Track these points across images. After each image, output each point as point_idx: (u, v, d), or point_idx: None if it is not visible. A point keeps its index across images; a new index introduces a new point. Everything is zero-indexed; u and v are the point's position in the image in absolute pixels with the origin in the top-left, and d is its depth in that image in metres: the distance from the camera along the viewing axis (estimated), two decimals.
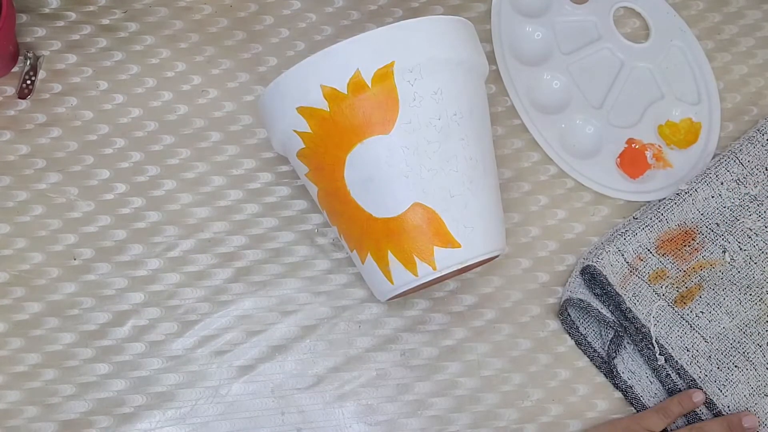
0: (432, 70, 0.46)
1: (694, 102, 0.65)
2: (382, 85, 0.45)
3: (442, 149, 0.46)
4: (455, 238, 0.46)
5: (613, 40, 0.65)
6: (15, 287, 0.56)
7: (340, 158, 0.46)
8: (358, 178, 0.46)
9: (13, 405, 0.53)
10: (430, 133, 0.46)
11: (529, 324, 0.58)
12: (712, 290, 0.57)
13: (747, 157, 0.60)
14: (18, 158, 0.58)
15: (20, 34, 0.61)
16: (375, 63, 0.45)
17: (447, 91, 0.46)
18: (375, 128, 0.45)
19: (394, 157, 0.45)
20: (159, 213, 0.58)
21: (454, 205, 0.46)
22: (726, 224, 0.59)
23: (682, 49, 0.66)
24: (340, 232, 0.50)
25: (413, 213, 0.46)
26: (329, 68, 0.45)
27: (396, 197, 0.46)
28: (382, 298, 0.51)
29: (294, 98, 0.46)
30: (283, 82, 0.47)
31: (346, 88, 0.45)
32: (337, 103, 0.45)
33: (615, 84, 0.64)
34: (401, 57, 0.45)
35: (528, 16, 0.65)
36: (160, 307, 0.56)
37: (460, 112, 0.47)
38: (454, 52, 0.47)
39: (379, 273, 0.48)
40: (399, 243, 0.46)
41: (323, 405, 0.55)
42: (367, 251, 0.48)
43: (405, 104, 0.45)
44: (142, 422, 0.54)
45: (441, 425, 0.55)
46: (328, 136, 0.46)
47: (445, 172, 0.46)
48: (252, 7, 0.64)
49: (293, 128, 0.47)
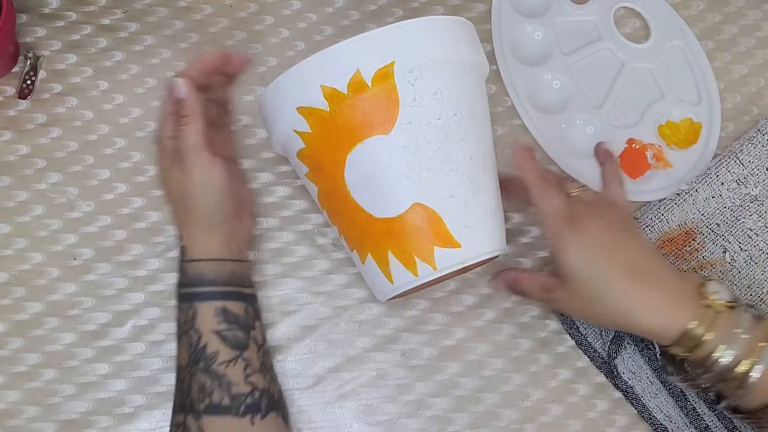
0: (432, 70, 0.46)
1: (694, 102, 0.65)
2: (382, 85, 0.45)
3: (443, 149, 0.46)
4: (455, 239, 0.46)
5: (613, 40, 0.65)
6: (15, 287, 0.55)
7: (340, 158, 0.46)
8: (358, 178, 0.46)
9: (13, 405, 0.53)
10: (430, 133, 0.46)
11: (529, 324, 0.58)
12: None
13: (747, 157, 0.60)
14: (18, 158, 0.58)
15: (20, 34, 0.61)
16: (375, 63, 0.45)
17: (447, 91, 0.46)
18: (375, 128, 0.45)
19: (395, 157, 0.45)
20: (159, 213, 0.58)
21: (454, 206, 0.46)
22: (726, 224, 0.59)
23: (682, 49, 0.66)
24: (341, 232, 0.50)
25: (413, 213, 0.46)
26: (329, 68, 0.45)
27: (396, 197, 0.46)
28: (382, 299, 0.51)
29: (294, 98, 0.46)
30: (283, 82, 0.47)
31: (347, 88, 0.45)
32: (338, 103, 0.45)
33: (615, 84, 0.64)
34: (401, 57, 0.45)
35: (528, 16, 0.65)
36: (160, 307, 0.56)
37: (461, 112, 0.47)
38: (454, 52, 0.47)
39: (379, 273, 0.48)
40: (399, 243, 0.46)
41: (323, 405, 0.55)
42: (367, 251, 0.48)
43: (405, 104, 0.45)
44: (142, 422, 0.54)
45: (441, 425, 0.55)
46: (328, 136, 0.46)
47: (445, 172, 0.46)
48: (252, 7, 0.64)
49: (293, 128, 0.47)
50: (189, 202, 0.48)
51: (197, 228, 0.49)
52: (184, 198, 0.49)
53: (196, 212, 0.49)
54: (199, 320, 0.47)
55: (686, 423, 0.55)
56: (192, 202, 0.48)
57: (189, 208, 0.49)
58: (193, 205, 0.48)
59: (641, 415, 0.56)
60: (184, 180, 0.48)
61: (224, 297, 0.48)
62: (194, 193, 0.48)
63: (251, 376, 0.48)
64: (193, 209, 0.49)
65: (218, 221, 0.49)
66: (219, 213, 0.49)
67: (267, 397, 0.48)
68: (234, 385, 0.47)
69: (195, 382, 0.46)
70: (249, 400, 0.47)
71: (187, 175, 0.47)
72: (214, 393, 0.46)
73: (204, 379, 0.46)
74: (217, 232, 0.49)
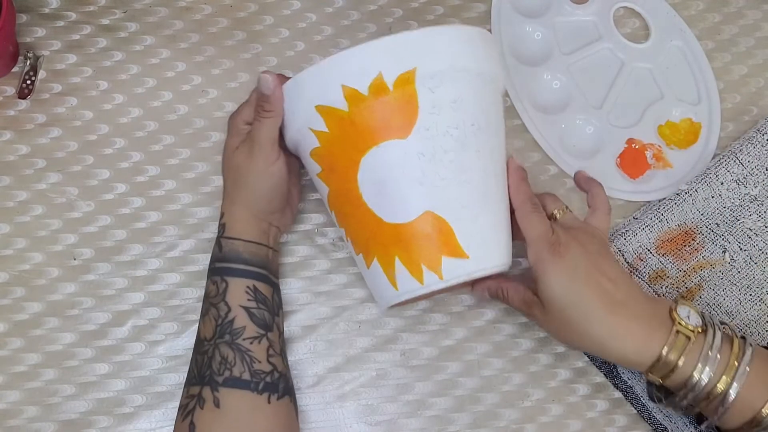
0: (453, 78, 0.46)
1: (694, 102, 0.65)
2: (403, 90, 0.45)
3: (458, 159, 0.46)
4: (464, 250, 0.46)
5: (613, 40, 0.65)
6: (15, 287, 0.55)
7: (354, 160, 0.46)
8: (371, 182, 0.46)
9: (13, 405, 0.53)
10: (447, 141, 0.45)
11: (529, 324, 0.58)
12: (712, 290, 0.57)
13: (747, 157, 0.60)
14: (18, 158, 0.58)
15: (20, 34, 0.61)
16: (398, 67, 0.45)
17: (466, 100, 0.46)
18: (392, 132, 0.45)
19: (410, 162, 0.45)
20: (159, 213, 0.58)
21: (465, 217, 0.46)
22: (726, 224, 0.59)
23: (682, 49, 0.66)
24: (348, 234, 0.50)
25: (424, 221, 0.46)
26: (352, 69, 0.45)
27: (408, 204, 0.46)
28: (384, 305, 0.50)
29: (313, 96, 0.46)
30: (304, 78, 0.47)
31: (367, 89, 0.45)
32: (357, 104, 0.45)
33: (615, 84, 0.64)
34: (424, 63, 0.45)
35: (528, 16, 0.65)
36: (160, 307, 0.56)
37: (478, 123, 0.46)
38: (475, 62, 0.47)
39: (384, 278, 0.48)
40: (407, 250, 0.46)
41: (323, 405, 0.55)
42: (373, 256, 0.48)
43: (424, 111, 0.45)
44: (142, 422, 0.54)
45: (441, 425, 0.55)
46: (344, 136, 0.46)
47: (459, 183, 0.46)
48: (252, 7, 0.64)
49: (309, 126, 0.47)
50: (244, 185, 0.50)
51: (243, 210, 0.51)
52: (240, 180, 0.50)
53: (247, 197, 0.50)
54: (230, 294, 0.49)
55: (685, 423, 0.55)
56: (246, 187, 0.50)
57: (241, 190, 0.51)
58: (247, 190, 0.50)
59: (641, 415, 0.56)
60: (247, 165, 0.50)
61: (256, 277, 0.50)
62: (252, 180, 0.50)
63: (272, 357, 0.49)
64: (245, 193, 0.50)
65: (265, 211, 0.51)
66: (268, 204, 0.51)
67: (284, 381, 0.49)
68: (256, 361, 0.48)
69: (217, 355, 0.47)
70: (269, 378, 0.48)
71: (251, 161, 0.49)
72: (236, 366, 0.47)
73: (227, 351, 0.47)
74: (261, 219, 0.51)
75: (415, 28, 0.55)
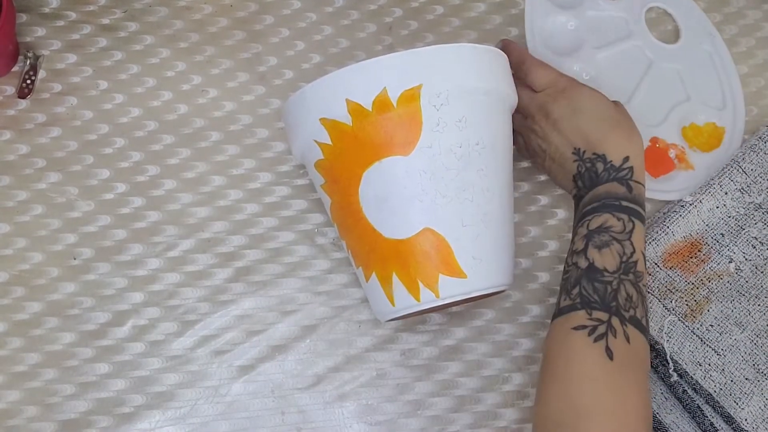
0: (459, 97, 0.46)
1: (719, 107, 0.64)
2: (407, 107, 0.45)
3: (460, 177, 0.46)
4: (462, 269, 0.46)
5: (643, 38, 0.65)
6: (15, 287, 0.56)
7: (356, 174, 0.46)
8: (372, 196, 0.46)
9: (13, 405, 0.53)
10: (449, 160, 0.45)
11: (528, 324, 0.58)
12: (721, 302, 0.57)
13: (750, 165, 0.60)
14: (18, 158, 0.58)
15: (20, 34, 0.60)
16: (403, 84, 0.45)
17: (472, 119, 0.46)
18: (395, 148, 0.45)
19: (411, 179, 0.45)
20: (159, 213, 0.58)
21: (465, 235, 0.46)
22: (731, 234, 0.59)
23: (710, 54, 0.65)
24: (349, 247, 0.50)
25: (423, 238, 0.46)
26: (357, 83, 0.45)
27: (408, 220, 0.46)
28: (382, 319, 0.51)
29: (318, 108, 0.47)
30: (309, 91, 0.47)
31: (371, 105, 0.45)
32: (360, 119, 0.45)
33: (642, 82, 0.64)
34: (430, 81, 0.45)
35: (561, 7, 0.65)
36: (160, 307, 0.56)
37: (483, 142, 0.46)
38: (483, 82, 0.47)
39: (381, 293, 0.48)
40: (405, 266, 0.46)
41: (323, 405, 0.55)
42: (372, 270, 0.48)
43: (428, 128, 0.45)
44: (142, 422, 0.54)
45: (441, 425, 0.55)
46: (347, 150, 0.46)
47: (460, 201, 0.46)
48: (252, 7, 0.64)
49: (314, 138, 0.47)
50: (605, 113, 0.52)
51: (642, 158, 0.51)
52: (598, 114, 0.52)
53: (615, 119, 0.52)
54: (634, 236, 0.48)
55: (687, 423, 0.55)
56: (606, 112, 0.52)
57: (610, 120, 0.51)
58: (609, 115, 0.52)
59: None
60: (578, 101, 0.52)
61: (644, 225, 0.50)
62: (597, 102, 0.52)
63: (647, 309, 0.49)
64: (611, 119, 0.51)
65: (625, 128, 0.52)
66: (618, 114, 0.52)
67: None
68: (650, 311, 0.48)
69: (623, 289, 0.46)
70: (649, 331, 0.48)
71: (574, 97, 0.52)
72: (638, 309, 0.46)
73: (632, 291, 0.46)
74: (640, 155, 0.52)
75: (422, 44, 0.55)
